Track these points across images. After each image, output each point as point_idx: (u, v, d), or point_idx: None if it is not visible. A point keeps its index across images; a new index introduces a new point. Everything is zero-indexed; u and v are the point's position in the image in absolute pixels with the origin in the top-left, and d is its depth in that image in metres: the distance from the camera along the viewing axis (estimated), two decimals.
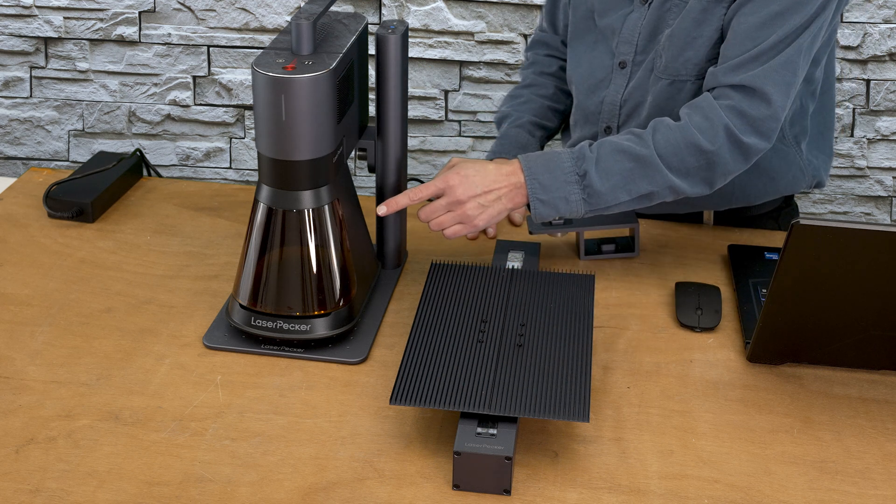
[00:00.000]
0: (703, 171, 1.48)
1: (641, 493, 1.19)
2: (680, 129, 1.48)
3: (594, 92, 1.71)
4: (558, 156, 1.48)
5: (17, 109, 2.94)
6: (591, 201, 1.47)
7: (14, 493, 1.16)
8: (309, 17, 1.32)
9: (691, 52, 1.57)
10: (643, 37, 1.63)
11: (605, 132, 1.71)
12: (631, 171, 1.47)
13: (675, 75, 1.60)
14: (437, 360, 1.28)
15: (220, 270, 1.57)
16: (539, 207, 1.47)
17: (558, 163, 1.48)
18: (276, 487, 1.18)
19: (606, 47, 1.69)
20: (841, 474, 1.22)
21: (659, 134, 1.48)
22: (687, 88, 1.60)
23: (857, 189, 2.88)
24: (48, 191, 1.69)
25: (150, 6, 2.81)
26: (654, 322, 1.48)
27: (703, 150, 1.47)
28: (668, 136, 1.48)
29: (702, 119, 1.48)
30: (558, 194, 1.47)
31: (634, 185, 1.47)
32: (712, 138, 1.47)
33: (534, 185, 1.47)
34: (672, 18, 1.59)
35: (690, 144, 1.47)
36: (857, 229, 1.21)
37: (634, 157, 1.47)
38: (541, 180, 1.47)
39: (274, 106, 1.29)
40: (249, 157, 2.96)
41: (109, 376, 1.34)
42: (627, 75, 1.66)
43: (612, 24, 1.67)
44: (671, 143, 1.47)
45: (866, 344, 1.33)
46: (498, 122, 1.82)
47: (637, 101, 1.66)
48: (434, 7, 2.77)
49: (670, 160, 1.47)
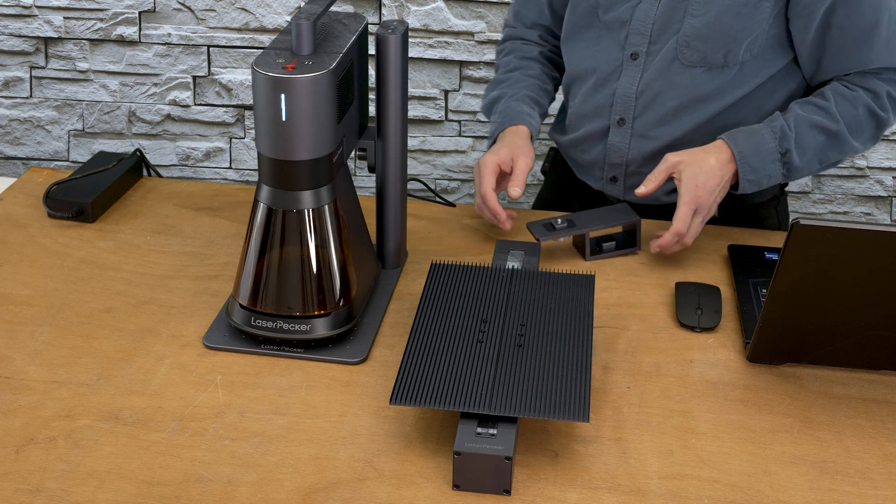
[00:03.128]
0: (876, 131, 1.65)
1: (641, 493, 1.19)
2: (857, 98, 1.62)
3: (603, 86, 1.73)
4: (762, 136, 1.60)
5: (17, 109, 2.94)
6: (789, 175, 1.63)
7: (14, 493, 1.16)
8: (309, 17, 1.32)
9: (734, 44, 1.63)
10: (657, 27, 1.66)
11: (618, 124, 1.72)
12: (823, 145, 1.61)
13: (712, 64, 1.65)
14: (437, 360, 1.28)
15: (220, 270, 1.57)
16: (746, 186, 1.60)
17: (763, 143, 1.59)
18: (276, 487, 1.18)
19: (613, 40, 1.71)
20: (841, 474, 1.22)
21: (840, 105, 1.62)
22: (724, 75, 1.66)
23: (857, 189, 2.88)
24: (48, 191, 1.69)
25: (150, 6, 2.81)
26: (654, 322, 1.48)
27: (877, 115, 1.63)
28: (849, 107, 1.62)
29: (866, 92, 1.63)
30: (764, 173, 1.60)
31: (826, 156, 1.63)
32: (881, 105, 1.63)
33: (745, 168, 1.58)
34: (697, 9, 1.62)
35: (868, 112, 1.63)
36: (857, 229, 1.21)
37: (827, 131, 1.61)
38: (751, 163, 1.59)
39: (274, 106, 1.29)
40: (249, 157, 2.96)
41: (109, 376, 1.34)
42: (641, 66, 1.69)
43: (621, 16, 1.69)
44: (852, 113, 1.62)
45: (866, 344, 1.33)
46: (489, 105, 1.80)
47: (656, 91, 1.68)
48: (434, 7, 2.77)
49: (854, 129, 1.63)
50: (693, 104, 1.67)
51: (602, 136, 1.76)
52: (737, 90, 1.66)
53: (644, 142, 1.72)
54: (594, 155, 1.79)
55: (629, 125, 1.72)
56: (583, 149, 1.81)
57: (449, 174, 2.92)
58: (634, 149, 1.73)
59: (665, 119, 1.70)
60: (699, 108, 1.67)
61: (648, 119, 1.71)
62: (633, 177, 1.76)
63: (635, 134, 1.72)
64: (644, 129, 1.72)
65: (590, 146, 1.79)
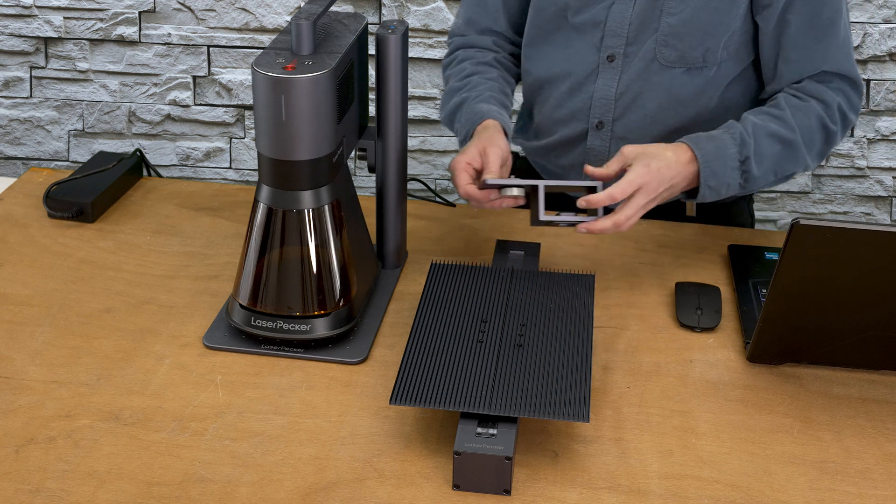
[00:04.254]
0: (825, 147, 1.60)
1: (641, 493, 1.19)
2: (809, 109, 1.57)
3: (579, 90, 1.70)
4: (724, 141, 1.52)
5: (17, 109, 2.94)
6: (746, 186, 1.55)
7: (14, 493, 1.16)
8: (309, 17, 1.32)
9: (712, 41, 1.60)
10: (634, 28, 1.64)
11: (597, 128, 1.70)
12: (780, 155, 1.55)
13: (690, 64, 1.62)
14: (437, 360, 1.28)
15: (220, 270, 1.57)
16: (707, 193, 1.51)
17: (725, 148, 1.51)
18: (276, 487, 1.18)
19: (586, 43, 1.68)
20: (841, 474, 1.22)
21: (796, 116, 1.56)
22: (703, 75, 1.63)
23: (857, 189, 2.88)
24: (48, 191, 1.69)
25: (150, 6, 2.81)
26: (654, 322, 1.48)
27: (828, 129, 1.58)
28: (803, 118, 1.57)
29: (818, 102, 1.58)
30: (724, 180, 1.51)
31: (782, 167, 1.56)
32: (832, 118, 1.59)
33: (707, 172, 1.50)
34: (674, 7, 1.60)
35: (820, 125, 1.58)
36: (857, 229, 1.21)
37: (783, 140, 1.55)
38: (713, 167, 1.50)
39: (274, 106, 1.29)
40: (249, 157, 2.96)
41: (109, 376, 1.34)
42: (619, 68, 1.66)
43: (594, 17, 1.66)
44: (806, 124, 1.57)
45: (866, 344, 1.33)
46: (451, 113, 1.70)
47: (636, 92, 1.66)
48: (434, 7, 2.77)
49: (807, 141, 1.57)
50: (673, 106, 1.66)
51: (580, 141, 1.74)
52: (716, 91, 1.65)
53: (624, 144, 1.70)
54: (571, 159, 1.77)
55: (609, 128, 1.70)
56: (558, 153, 1.78)
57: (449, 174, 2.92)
58: (614, 152, 1.71)
59: (645, 121, 1.68)
60: (680, 110, 1.66)
61: (628, 121, 1.69)
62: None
63: (615, 137, 1.70)
64: (624, 132, 1.69)
65: (566, 151, 1.77)
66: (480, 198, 1.49)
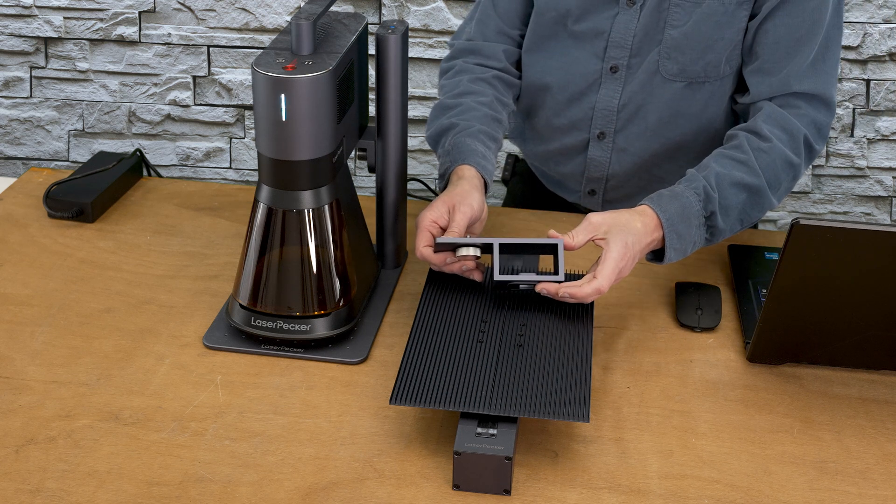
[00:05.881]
0: (791, 183, 1.53)
1: (641, 493, 1.19)
2: (773, 149, 1.50)
3: (580, 99, 1.68)
4: (688, 200, 1.44)
5: (17, 109, 2.94)
6: (711, 240, 1.48)
7: (14, 493, 1.16)
8: (309, 17, 1.32)
9: (713, 54, 1.58)
10: (638, 39, 1.61)
11: (598, 138, 1.69)
12: (745, 203, 1.49)
13: (692, 78, 1.60)
14: (437, 361, 1.28)
15: (220, 270, 1.57)
16: (672, 255, 1.44)
17: (689, 208, 1.44)
18: (276, 487, 1.18)
19: (587, 52, 1.65)
20: (841, 474, 1.23)
21: (760, 159, 1.49)
22: (705, 89, 1.61)
23: (857, 189, 2.88)
24: (48, 191, 1.69)
25: (150, 6, 2.81)
26: (654, 322, 1.48)
27: (793, 164, 1.52)
28: (768, 160, 1.50)
29: (782, 133, 1.52)
30: (689, 240, 1.45)
31: (748, 215, 1.50)
32: (797, 151, 1.52)
33: (672, 236, 1.42)
34: (677, 19, 1.58)
35: (785, 163, 1.51)
36: (857, 229, 1.21)
37: (748, 188, 1.48)
38: (678, 230, 1.43)
39: (274, 106, 1.29)
40: (249, 157, 2.96)
41: (109, 376, 1.34)
42: (622, 80, 1.64)
43: (596, 27, 1.63)
44: (770, 165, 1.50)
45: (866, 344, 1.33)
46: (437, 135, 1.61)
47: (638, 104, 1.65)
48: (434, 7, 2.77)
49: (772, 182, 1.50)
50: (674, 119, 1.64)
51: (580, 150, 1.73)
52: (719, 107, 1.63)
53: (626, 156, 1.69)
54: (571, 168, 1.76)
55: (610, 139, 1.68)
56: (557, 161, 1.78)
57: None
58: (616, 163, 1.70)
59: (646, 134, 1.66)
60: (681, 124, 1.64)
61: (630, 133, 1.67)
62: (613, 190, 1.74)
63: (616, 148, 1.69)
64: (626, 144, 1.68)
65: (566, 159, 1.76)
66: (437, 261, 1.41)
